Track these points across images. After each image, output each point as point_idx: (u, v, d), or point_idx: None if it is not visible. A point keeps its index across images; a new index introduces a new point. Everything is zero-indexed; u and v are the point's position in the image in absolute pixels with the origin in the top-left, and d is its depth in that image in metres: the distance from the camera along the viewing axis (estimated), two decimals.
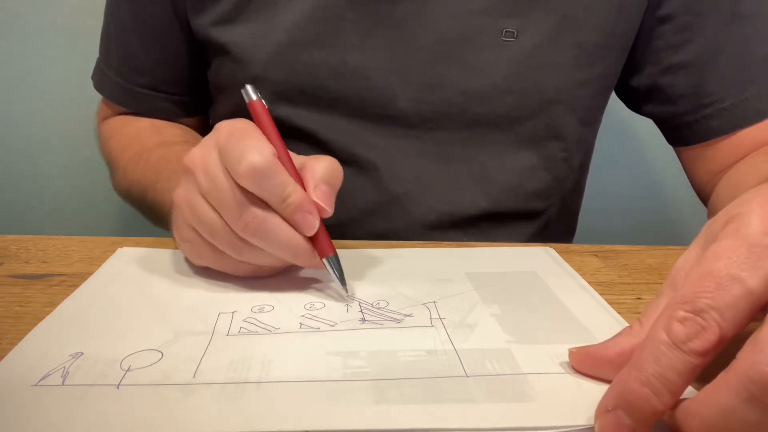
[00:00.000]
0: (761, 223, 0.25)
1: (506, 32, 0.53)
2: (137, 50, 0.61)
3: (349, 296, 0.38)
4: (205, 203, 0.37)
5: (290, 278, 0.41)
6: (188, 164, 0.38)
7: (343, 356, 0.31)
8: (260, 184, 0.35)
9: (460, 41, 0.53)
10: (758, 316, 0.24)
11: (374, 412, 0.27)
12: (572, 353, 0.30)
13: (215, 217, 0.37)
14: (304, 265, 0.39)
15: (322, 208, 0.37)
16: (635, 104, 0.62)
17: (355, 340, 0.33)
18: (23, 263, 0.44)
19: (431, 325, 0.35)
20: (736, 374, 0.22)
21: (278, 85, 0.55)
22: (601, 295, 0.39)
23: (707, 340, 0.23)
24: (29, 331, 0.34)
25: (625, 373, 0.25)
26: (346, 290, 0.38)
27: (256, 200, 0.36)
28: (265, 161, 0.35)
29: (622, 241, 0.51)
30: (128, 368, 0.30)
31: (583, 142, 0.62)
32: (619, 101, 0.64)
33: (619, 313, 0.37)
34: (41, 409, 0.27)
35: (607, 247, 0.49)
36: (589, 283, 0.41)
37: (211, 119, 0.66)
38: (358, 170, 0.57)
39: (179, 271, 0.42)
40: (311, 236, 0.37)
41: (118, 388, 0.29)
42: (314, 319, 0.36)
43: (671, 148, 0.62)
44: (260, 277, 0.40)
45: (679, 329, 0.24)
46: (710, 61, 0.55)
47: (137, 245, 0.46)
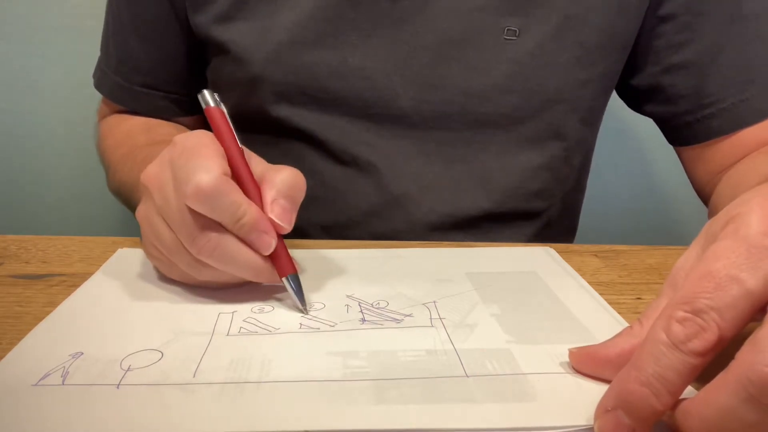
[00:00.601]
0: (761, 223, 0.25)
1: (508, 31, 0.53)
2: (135, 49, 0.61)
3: (309, 313, 0.36)
4: (162, 222, 0.36)
5: None
6: (144, 181, 0.37)
7: (343, 356, 0.31)
8: (210, 205, 0.34)
9: (461, 40, 0.53)
10: (757, 316, 0.24)
11: (374, 412, 0.27)
12: (572, 353, 0.30)
13: (172, 237, 0.36)
14: (266, 282, 0.37)
15: (279, 225, 0.36)
16: (636, 104, 0.62)
17: (355, 340, 0.33)
18: (23, 263, 0.44)
19: (431, 325, 0.35)
20: (735, 374, 0.22)
21: (278, 84, 0.55)
22: (601, 295, 0.39)
23: (706, 340, 0.23)
24: (29, 331, 0.34)
25: (624, 373, 0.25)
26: (305, 311, 0.36)
27: (209, 222, 0.34)
28: (212, 182, 0.33)
29: (622, 241, 0.51)
30: (128, 368, 0.30)
31: (584, 141, 0.62)
32: (619, 101, 0.64)
33: (619, 313, 0.37)
34: (41, 409, 0.27)
35: (607, 247, 0.49)
36: (589, 283, 0.41)
37: None
38: (358, 171, 0.57)
39: None
40: (271, 254, 0.36)
41: (118, 388, 0.29)
42: (314, 319, 0.36)
43: (671, 148, 0.62)
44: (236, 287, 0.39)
45: (678, 329, 0.24)
46: (711, 61, 0.55)
47: (137, 245, 0.46)
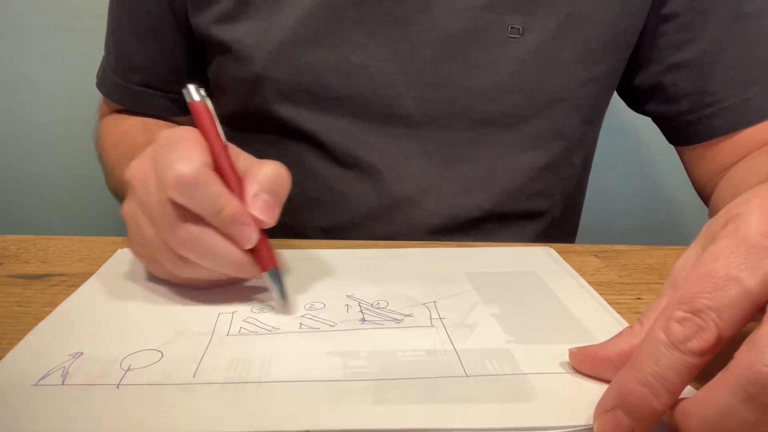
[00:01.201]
0: (760, 223, 0.25)
1: (511, 29, 0.53)
2: (134, 48, 0.61)
3: (291, 310, 0.36)
4: (145, 219, 0.36)
5: (290, 279, 0.41)
6: (128, 177, 0.37)
7: (343, 356, 0.31)
8: (190, 196, 0.33)
9: (464, 38, 0.53)
10: (757, 316, 0.24)
11: (374, 412, 0.27)
12: (572, 353, 0.30)
13: (154, 233, 0.35)
14: (249, 277, 0.37)
15: (261, 219, 0.35)
16: (637, 103, 0.62)
17: (355, 340, 0.33)
18: (23, 263, 0.44)
19: (431, 325, 0.35)
20: (734, 374, 0.22)
21: (280, 84, 0.54)
22: (601, 295, 0.39)
23: (705, 340, 0.23)
24: (29, 331, 0.34)
25: (623, 373, 0.25)
26: (287, 307, 0.36)
27: (189, 215, 0.34)
28: (193, 171, 0.33)
29: (622, 241, 0.51)
30: (128, 368, 0.30)
31: (585, 140, 0.62)
32: (619, 101, 0.64)
33: (619, 313, 0.37)
34: (41, 408, 0.27)
35: (607, 247, 0.49)
36: (589, 283, 0.41)
37: None
38: (359, 174, 0.56)
39: None
40: (252, 248, 0.35)
41: (118, 387, 0.29)
42: (314, 319, 0.36)
43: (671, 148, 0.62)
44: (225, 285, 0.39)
45: (677, 329, 0.24)
46: (713, 60, 0.55)
47: None
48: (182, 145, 0.34)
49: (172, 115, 0.64)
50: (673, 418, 0.24)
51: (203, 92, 0.38)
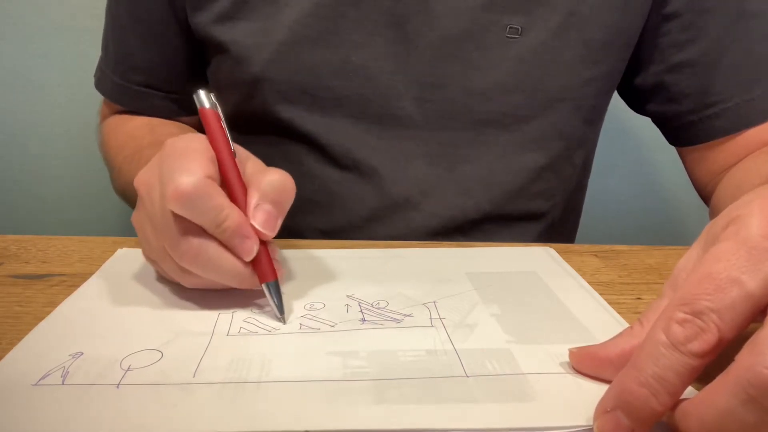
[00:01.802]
0: (761, 225, 0.25)
1: (510, 29, 0.53)
2: (134, 48, 0.61)
3: (286, 321, 0.36)
4: (150, 229, 0.36)
5: (290, 278, 0.41)
6: (137, 186, 0.37)
7: (343, 356, 0.31)
8: (190, 209, 0.33)
9: (464, 38, 0.53)
10: (758, 318, 0.24)
11: (374, 412, 0.27)
12: (572, 353, 0.30)
13: (158, 243, 0.36)
14: (249, 288, 0.37)
15: (261, 232, 0.35)
16: (638, 103, 0.62)
17: (355, 340, 0.33)
18: (23, 263, 0.44)
19: (431, 325, 0.35)
20: (734, 376, 0.22)
21: (280, 84, 0.54)
22: (601, 295, 0.39)
23: (706, 341, 0.23)
24: (29, 331, 0.34)
25: (624, 373, 0.25)
26: (283, 320, 0.35)
27: (191, 227, 0.34)
28: (192, 185, 0.33)
29: (622, 241, 0.51)
30: (128, 368, 0.30)
31: (586, 141, 0.61)
32: (619, 101, 0.64)
33: (619, 313, 0.37)
34: (41, 408, 0.27)
35: (607, 247, 0.49)
36: (589, 283, 0.41)
37: None
38: (359, 176, 0.56)
39: None
40: (252, 260, 0.35)
41: (117, 387, 0.29)
42: (314, 319, 0.36)
43: (672, 148, 0.62)
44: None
45: (678, 330, 0.24)
46: (716, 59, 0.54)
47: (137, 245, 0.46)
48: (187, 155, 0.35)
49: (173, 115, 0.64)
50: (673, 418, 0.24)
51: (214, 98, 0.37)
